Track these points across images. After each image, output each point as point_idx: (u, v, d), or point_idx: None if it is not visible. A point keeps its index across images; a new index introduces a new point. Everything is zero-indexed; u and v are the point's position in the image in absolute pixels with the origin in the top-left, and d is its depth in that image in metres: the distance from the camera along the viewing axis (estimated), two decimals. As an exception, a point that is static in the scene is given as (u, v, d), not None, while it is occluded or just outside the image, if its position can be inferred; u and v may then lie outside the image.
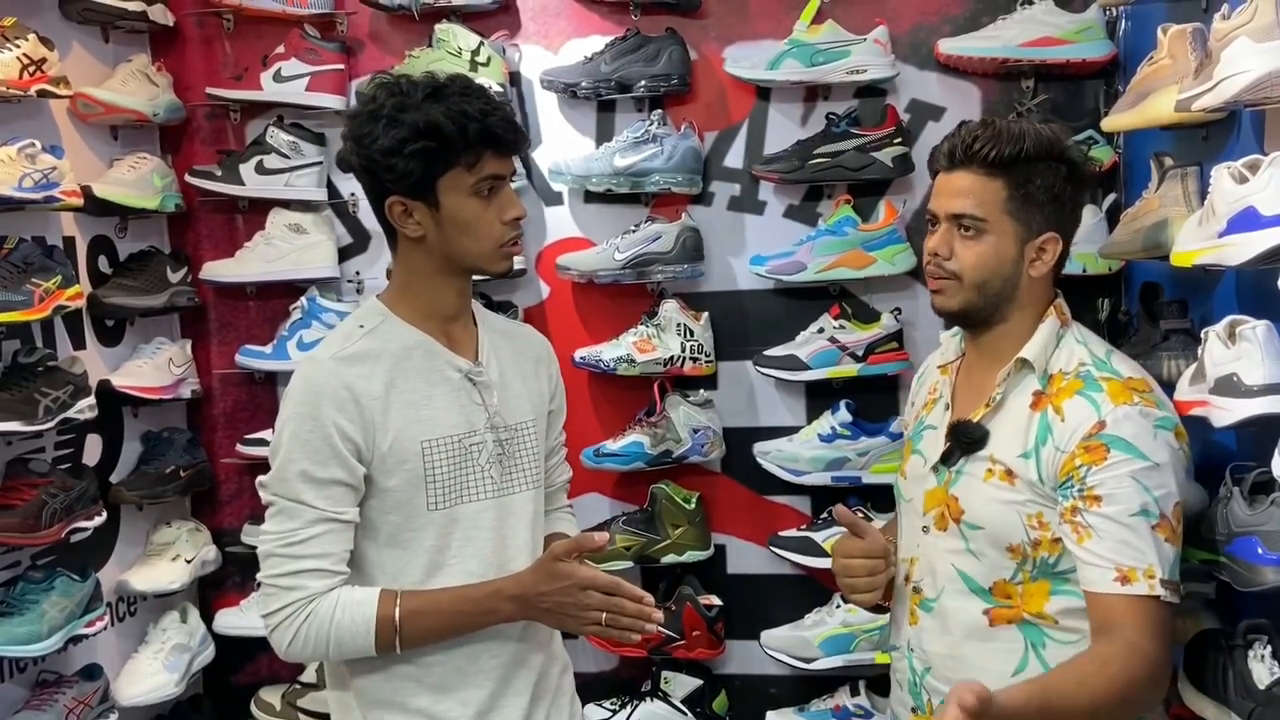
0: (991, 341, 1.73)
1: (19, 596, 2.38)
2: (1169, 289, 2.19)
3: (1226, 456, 1.94)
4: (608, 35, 2.82)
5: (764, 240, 2.81)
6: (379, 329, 1.73)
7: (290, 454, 1.65)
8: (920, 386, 1.95)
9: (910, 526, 1.81)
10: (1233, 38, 1.62)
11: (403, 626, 1.65)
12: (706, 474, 2.89)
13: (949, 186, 1.69)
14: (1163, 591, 1.55)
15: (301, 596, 1.64)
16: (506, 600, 1.68)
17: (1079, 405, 1.62)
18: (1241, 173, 1.65)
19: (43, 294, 2.38)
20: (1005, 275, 1.68)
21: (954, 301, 1.70)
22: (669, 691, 2.80)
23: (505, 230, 1.70)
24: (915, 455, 1.83)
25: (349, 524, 1.68)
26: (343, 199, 3.00)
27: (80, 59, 2.76)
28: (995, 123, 1.68)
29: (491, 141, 1.65)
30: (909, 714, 1.79)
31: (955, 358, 1.84)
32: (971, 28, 2.67)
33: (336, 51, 2.90)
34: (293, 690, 2.91)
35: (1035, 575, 1.65)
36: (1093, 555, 1.57)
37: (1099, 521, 1.57)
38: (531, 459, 1.83)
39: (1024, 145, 1.64)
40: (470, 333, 1.81)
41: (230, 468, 3.05)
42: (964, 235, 1.68)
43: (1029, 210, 1.66)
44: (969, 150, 1.66)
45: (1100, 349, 1.71)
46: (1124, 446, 1.58)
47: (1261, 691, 1.61)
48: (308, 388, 1.68)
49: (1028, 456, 1.64)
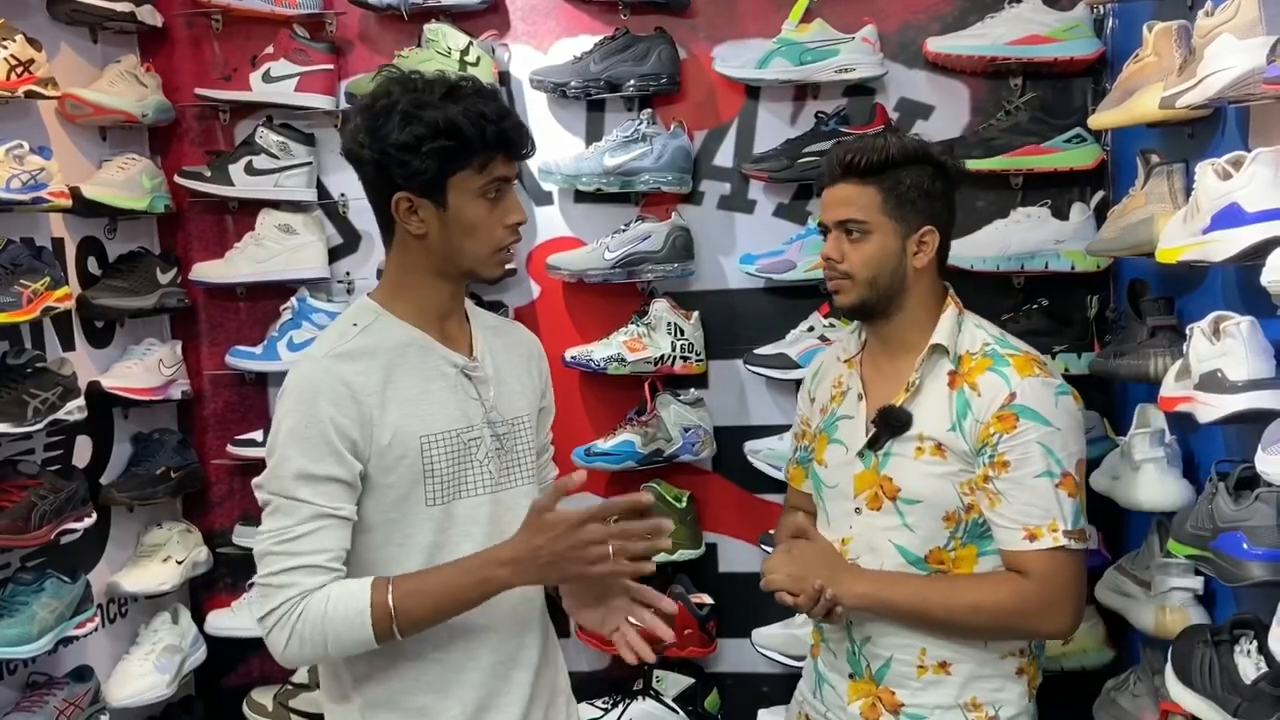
0: (894, 332, 1.92)
1: (9, 598, 2.38)
2: (1156, 286, 2.20)
3: (1212, 452, 1.95)
4: (597, 35, 2.82)
5: (754, 239, 2.82)
6: (373, 326, 1.72)
7: (287, 452, 1.63)
8: (819, 382, 2.09)
9: (839, 510, 1.95)
10: (1216, 35, 1.63)
11: (398, 610, 1.60)
12: (697, 473, 2.89)
13: (833, 198, 1.90)
14: (1066, 541, 1.77)
15: (294, 594, 1.60)
16: (501, 565, 1.62)
17: (992, 380, 1.81)
18: (1225, 169, 1.66)
19: (31, 295, 2.37)
20: (892, 268, 1.87)
21: (850, 298, 1.90)
22: (661, 690, 2.80)
23: (506, 234, 1.71)
24: (835, 445, 1.97)
25: (345, 520, 1.65)
26: (333, 199, 3.00)
27: (68, 60, 2.76)
28: (864, 138, 1.93)
29: (505, 145, 1.66)
30: (845, 680, 1.93)
31: (857, 351, 2.01)
32: (959, 26, 2.68)
33: (325, 52, 2.90)
34: (285, 691, 2.91)
35: (965, 540, 1.85)
36: (1003, 519, 1.79)
37: (1006, 486, 1.78)
38: (528, 453, 1.83)
39: (889, 153, 1.84)
40: (464, 330, 1.81)
41: (221, 469, 3.05)
42: (851, 239, 1.88)
43: (903, 208, 1.86)
44: (844, 164, 1.87)
45: (994, 330, 1.91)
46: (1031, 415, 1.78)
47: (1248, 687, 1.61)
48: (304, 385, 1.66)
49: (954, 429, 1.82)
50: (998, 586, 1.80)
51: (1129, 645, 2.49)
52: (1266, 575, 1.58)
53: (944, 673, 1.85)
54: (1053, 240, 2.56)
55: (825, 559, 1.91)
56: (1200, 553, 1.72)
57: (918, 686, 1.85)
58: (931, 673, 1.85)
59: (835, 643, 1.95)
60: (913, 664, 1.86)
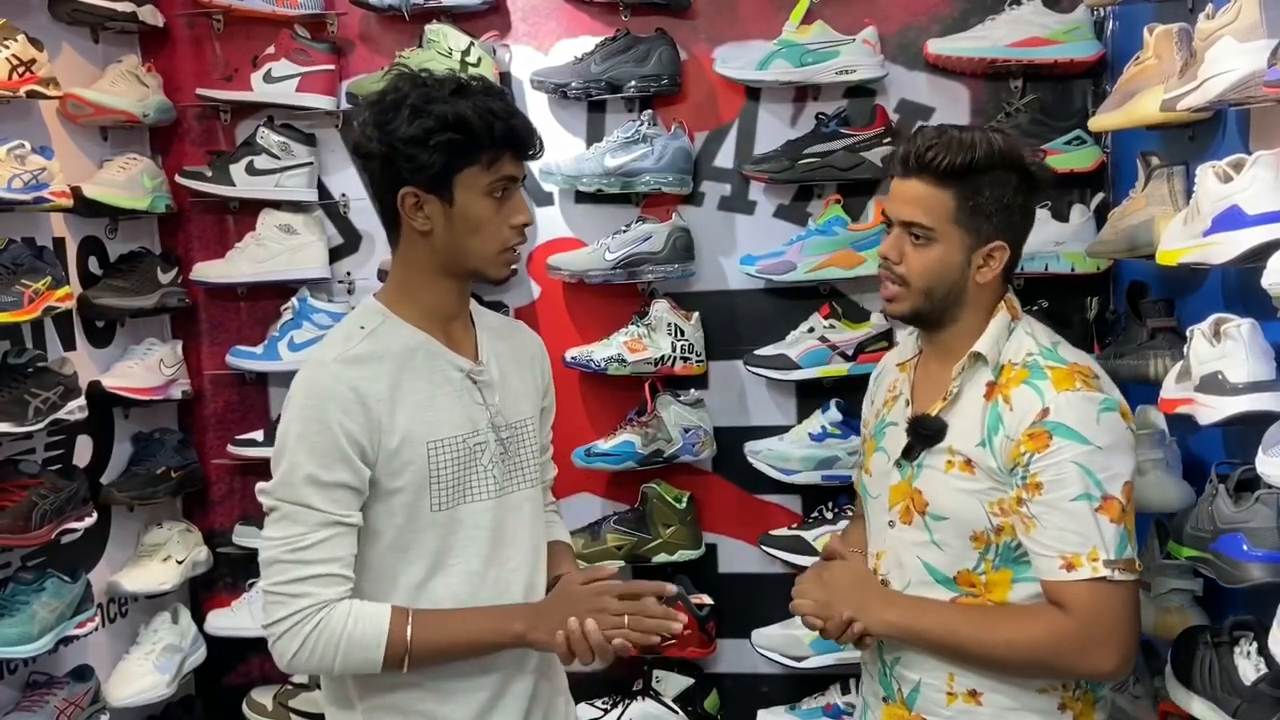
0: (946, 339, 1.78)
1: (9, 598, 2.38)
2: (1156, 288, 2.21)
3: (1212, 454, 1.95)
4: (598, 36, 2.83)
5: (754, 240, 2.82)
6: (380, 330, 1.71)
7: (296, 457, 1.62)
8: (879, 385, 1.98)
9: (877, 522, 1.84)
10: (1217, 38, 1.64)
11: (414, 644, 1.62)
12: (697, 473, 2.89)
13: (902, 193, 1.73)
14: (1108, 572, 1.58)
15: (309, 604, 1.60)
16: (518, 618, 1.68)
17: (1025, 394, 1.66)
18: (1226, 172, 1.66)
19: (32, 295, 2.37)
20: (951, 281, 1.72)
21: (903, 306, 1.76)
22: (660, 690, 2.80)
23: (511, 234, 1.70)
24: (879, 452, 1.86)
25: (353, 528, 1.65)
26: (334, 200, 3.00)
27: (70, 60, 2.76)
28: (949, 131, 1.71)
29: (513, 143, 1.66)
30: (880, 703, 1.82)
31: (913, 355, 1.88)
32: (960, 28, 2.68)
33: (326, 52, 2.90)
34: (284, 691, 2.91)
35: (998, 564, 1.69)
36: (1039, 545, 1.63)
37: (1041, 510, 1.62)
38: (531, 457, 1.83)
39: (974, 155, 1.67)
40: (469, 332, 1.80)
41: (221, 469, 3.05)
42: (914, 242, 1.72)
43: (977, 220, 1.70)
44: (921, 159, 1.69)
45: (1046, 339, 1.75)
46: (1066, 432, 1.61)
47: (1247, 688, 1.62)
48: (312, 390, 1.65)
49: (983, 445, 1.68)
50: (1034, 621, 1.64)
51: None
52: (1266, 577, 1.59)
53: (974, 703, 1.70)
54: (1052, 242, 2.56)
55: (856, 584, 1.80)
56: (1200, 554, 1.73)
57: (948, 715, 1.72)
58: (961, 701, 1.71)
59: (870, 664, 1.85)
60: (941, 690, 1.72)
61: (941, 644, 1.69)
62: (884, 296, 1.78)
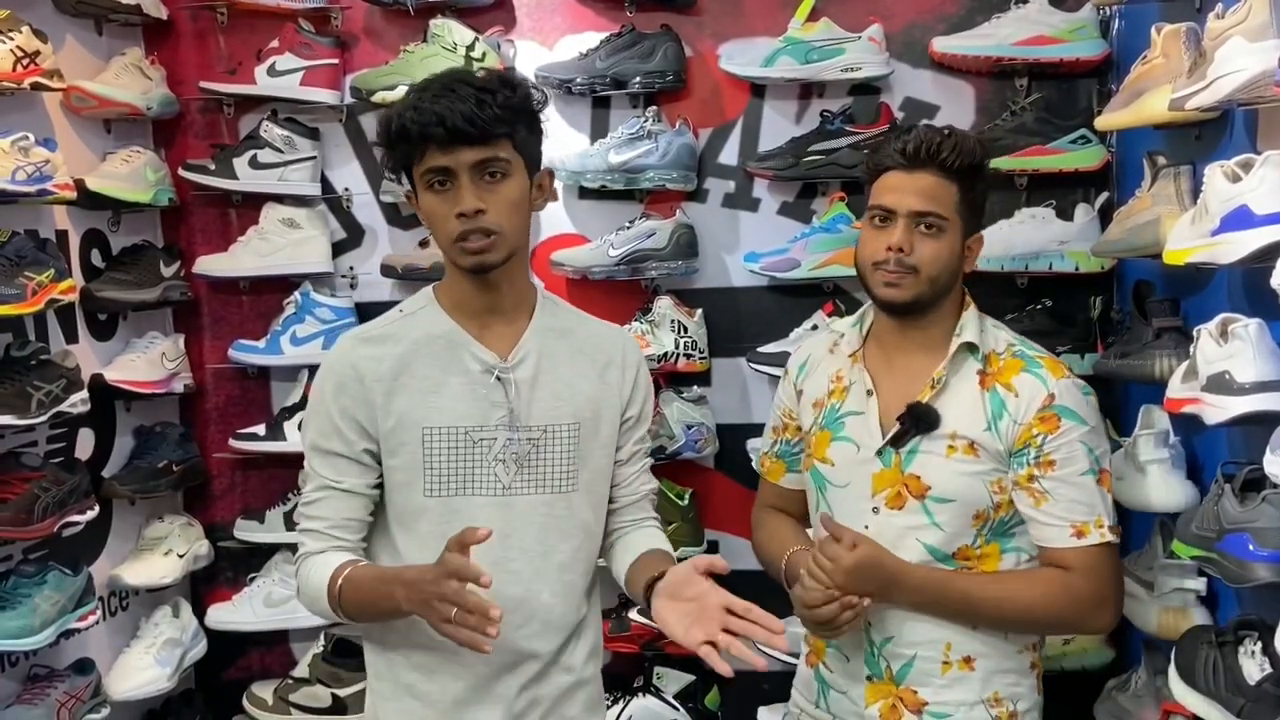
0: (921, 328, 1.87)
1: (11, 590, 2.37)
2: (1161, 287, 2.21)
3: (1215, 454, 1.96)
4: (603, 31, 2.82)
5: (758, 237, 2.82)
6: (415, 314, 1.79)
7: (307, 424, 1.81)
8: (806, 376, 2.01)
9: (851, 509, 1.87)
10: (1226, 37, 1.64)
11: (342, 595, 1.69)
12: (700, 470, 2.89)
13: (910, 185, 1.80)
14: (1111, 536, 1.80)
15: (301, 553, 1.77)
16: (400, 585, 1.59)
17: (1029, 381, 1.81)
18: (1235, 171, 1.66)
19: (35, 287, 2.37)
20: (953, 269, 1.84)
21: (908, 293, 1.82)
22: (661, 687, 2.80)
23: (458, 224, 1.65)
24: (842, 442, 1.91)
25: (348, 492, 1.75)
26: (337, 194, 2.99)
27: (74, 52, 2.75)
28: (953, 131, 1.84)
29: (426, 134, 1.62)
30: (859, 683, 1.89)
31: (860, 346, 1.94)
32: (966, 26, 2.68)
33: (331, 46, 2.90)
34: (285, 685, 2.90)
35: (990, 538, 1.85)
36: (1049, 517, 1.79)
37: (1053, 485, 1.79)
38: (561, 463, 1.77)
39: (978, 156, 1.82)
40: (514, 328, 1.77)
41: (223, 463, 3.04)
42: (924, 232, 1.80)
43: (971, 213, 1.85)
44: (932, 154, 1.78)
45: (1006, 331, 1.92)
46: (1070, 415, 1.79)
47: (1252, 688, 1.61)
48: (326, 364, 1.79)
49: (989, 429, 1.81)
50: (1048, 586, 1.80)
51: (1130, 645, 2.50)
52: (1272, 577, 1.59)
53: (968, 669, 1.84)
54: (1057, 241, 2.56)
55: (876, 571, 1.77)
56: (1205, 554, 1.73)
57: (942, 684, 1.84)
58: (956, 669, 1.84)
59: (850, 647, 1.89)
60: (937, 660, 1.84)
61: (960, 613, 1.82)
62: (885, 283, 1.82)
